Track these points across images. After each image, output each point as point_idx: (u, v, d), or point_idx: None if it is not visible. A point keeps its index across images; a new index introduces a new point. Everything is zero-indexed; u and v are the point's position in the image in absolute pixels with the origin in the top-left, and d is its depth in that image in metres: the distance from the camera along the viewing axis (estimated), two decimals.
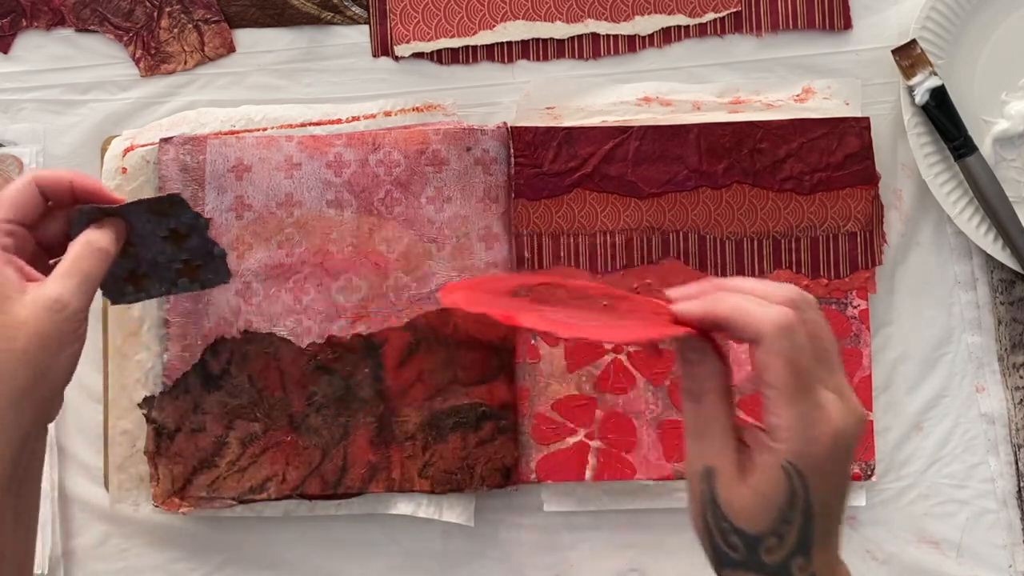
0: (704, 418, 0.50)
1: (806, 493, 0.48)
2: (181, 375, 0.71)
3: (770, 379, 0.48)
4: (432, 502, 0.72)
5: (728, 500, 0.49)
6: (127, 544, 0.73)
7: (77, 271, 0.54)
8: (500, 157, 0.72)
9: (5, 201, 0.55)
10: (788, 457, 0.48)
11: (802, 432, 0.48)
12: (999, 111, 0.73)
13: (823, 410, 0.48)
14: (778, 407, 0.48)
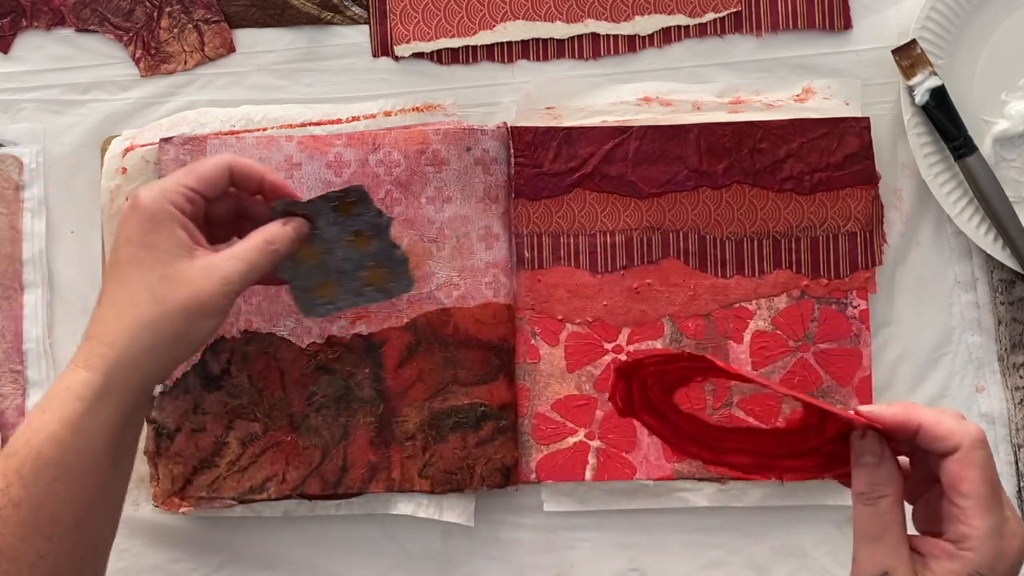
0: (880, 522, 0.51)
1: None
2: (181, 375, 0.71)
3: (966, 489, 0.49)
4: (432, 502, 0.72)
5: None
6: (127, 544, 0.73)
7: (248, 259, 0.60)
8: (500, 157, 0.72)
9: (196, 172, 0.61)
10: (977, 568, 0.49)
11: (994, 544, 0.49)
12: (999, 111, 0.73)
13: (1011, 525, 0.50)
14: (972, 517, 0.49)
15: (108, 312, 0.59)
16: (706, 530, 0.73)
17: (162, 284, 0.58)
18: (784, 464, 0.56)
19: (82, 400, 0.56)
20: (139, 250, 0.59)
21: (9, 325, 0.73)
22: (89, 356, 0.58)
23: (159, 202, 0.59)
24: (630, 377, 0.55)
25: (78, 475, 0.56)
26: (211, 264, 0.59)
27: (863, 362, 0.72)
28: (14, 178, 0.74)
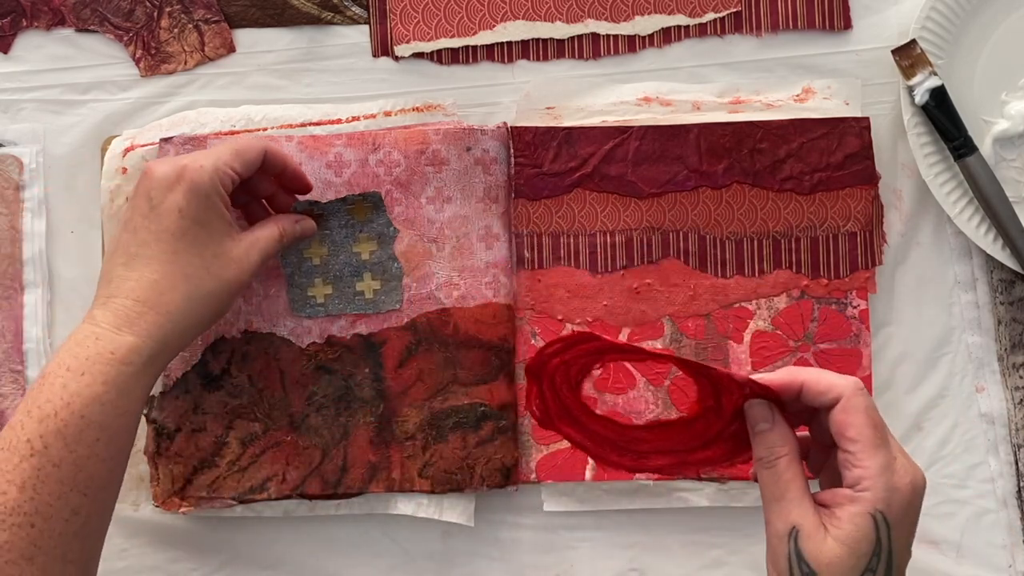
0: (781, 482, 0.53)
1: (888, 542, 0.51)
2: (181, 375, 0.71)
3: (852, 434, 0.52)
4: (432, 502, 0.72)
5: (815, 555, 0.51)
6: (127, 544, 0.73)
7: (266, 249, 0.66)
8: (500, 157, 0.72)
9: (241, 156, 0.64)
10: (876, 505, 0.51)
11: (885, 480, 0.51)
12: (999, 111, 0.73)
13: (900, 463, 0.52)
14: (862, 459, 0.52)
15: (158, 279, 0.61)
16: (706, 530, 0.73)
17: (216, 261, 0.63)
18: (698, 457, 0.58)
19: (130, 364, 0.59)
20: (193, 225, 0.62)
21: (9, 325, 0.73)
22: (136, 321, 0.60)
23: (213, 182, 0.62)
24: (540, 376, 0.56)
25: (118, 435, 0.59)
26: (248, 245, 0.65)
27: (863, 362, 0.72)
28: (14, 178, 0.74)
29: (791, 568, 0.52)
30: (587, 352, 0.56)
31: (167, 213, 0.61)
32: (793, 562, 0.52)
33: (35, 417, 0.57)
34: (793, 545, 0.52)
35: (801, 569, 0.52)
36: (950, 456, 0.73)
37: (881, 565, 0.52)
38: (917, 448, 0.73)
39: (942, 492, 0.73)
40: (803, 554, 0.52)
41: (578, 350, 0.56)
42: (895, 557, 0.52)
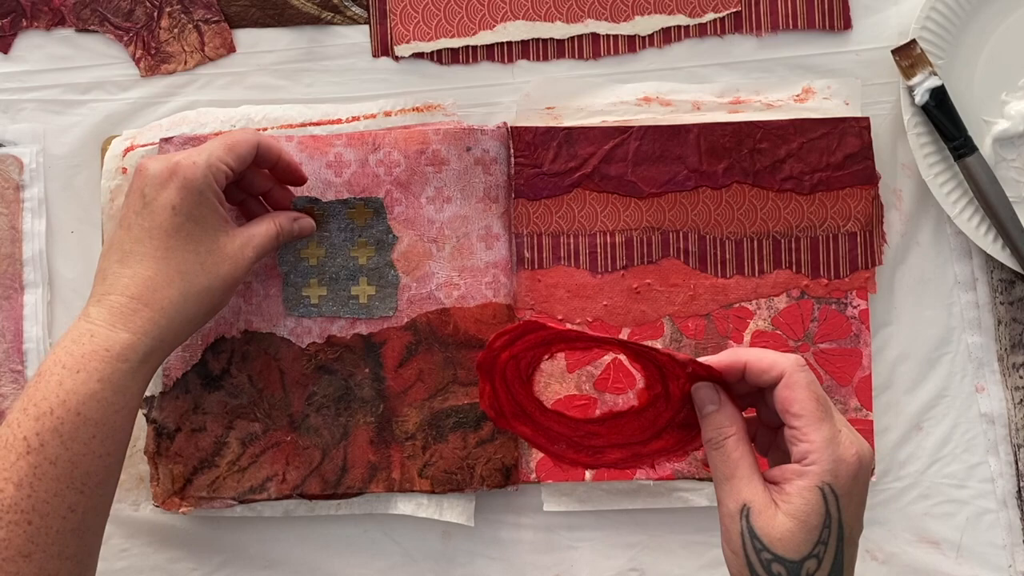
0: (730, 461, 0.54)
1: (839, 514, 0.52)
2: (181, 375, 0.71)
3: (796, 409, 0.53)
4: (432, 502, 0.72)
5: (767, 531, 0.52)
6: (127, 544, 0.73)
7: (261, 245, 0.66)
8: (500, 157, 0.72)
9: (234, 151, 0.64)
10: (823, 478, 0.52)
11: (831, 453, 0.52)
12: (999, 111, 0.73)
13: (844, 433, 0.53)
14: (807, 433, 0.53)
15: (152, 275, 0.61)
16: (706, 530, 0.73)
17: (211, 258, 0.63)
18: (652, 448, 0.59)
19: (126, 361, 0.59)
20: (187, 222, 0.62)
21: (9, 325, 0.73)
22: (132, 318, 0.60)
23: (207, 178, 0.62)
24: (491, 373, 0.57)
25: (114, 432, 0.59)
26: (243, 241, 0.65)
27: (863, 362, 0.72)
28: (14, 178, 0.74)
29: (744, 545, 0.53)
30: (535, 343, 0.57)
31: (161, 210, 0.62)
32: (746, 539, 0.53)
33: (31, 415, 0.57)
34: (745, 523, 0.53)
35: (754, 546, 0.52)
36: (950, 456, 0.73)
37: (832, 537, 0.52)
38: (917, 448, 0.73)
39: (942, 492, 0.73)
40: (755, 531, 0.52)
41: (526, 341, 0.56)
42: (845, 528, 0.52)
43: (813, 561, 0.52)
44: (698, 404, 0.56)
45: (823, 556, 0.52)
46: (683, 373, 0.56)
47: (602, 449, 0.60)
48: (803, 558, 0.52)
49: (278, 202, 0.70)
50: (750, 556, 0.53)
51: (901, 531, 0.73)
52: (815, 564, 0.52)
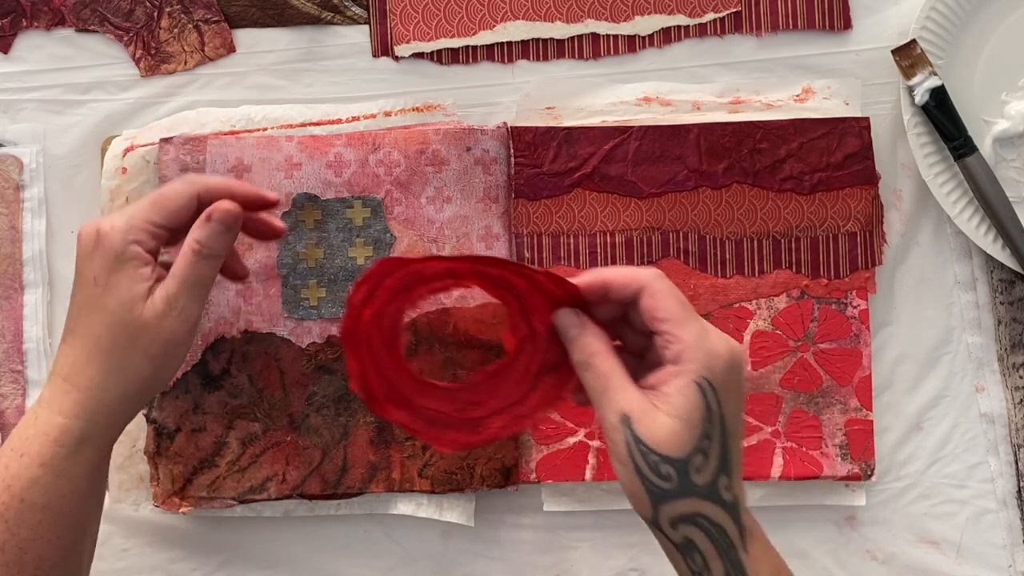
0: (602, 376, 0.54)
1: (719, 407, 0.53)
2: (181, 375, 0.71)
3: (662, 314, 0.54)
4: (432, 502, 0.72)
5: (651, 434, 0.52)
6: (127, 544, 0.73)
7: (182, 275, 0.59)
8: (500, 157, 0.72)
9: (161, 206, 0.59)
10: (699, 372, 0.53)
11: (702, 347, 0.53)
12: (999, 111, 0.73)
13: (712, 333, 0.54)
14: (676, 334, 0.53)
15: (78, 354, 0.58)
16: None
17: (124, 331, 0.58)
18: (531, 404, 0.58)
19: (63, 445, 0.57)
20: (103, 292, 0.58)
21: (9, 325, 0.73)
22: (63, 400, 0.58)
23: (124, 243, 0.58)
24: (355, 341, 0.56)
25: (62, 515, 0.57)
26: (164, 300, 0.58)
27: (863, 362, 0.72)
28: (14, 178, 0.74)
29: (631, 453, 0.53)
30: (395, 290, 0.56)
31: (86, 283, 0.59)
32: (631, 447, 0.53)
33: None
34: (628, 431, 0.53)
35: (640, 450, 0.52)
36: (950, 456, 0.73)
37: (716, 431, 0.53)
38: (917, 448, 0.73)
39: (942, 492, 0.73)
40: (639, 436, 0.52)
41: (386, 289, 0.56)
42: (728, 423, 0.53)
43: (700, 456, 0.52)
44: (562, 330, 0.56)
45: (709, 451, 0.53)
46: (542, 303, 0.56)
47: (482, 421, 0.59)
48: (689, 454, 0.52)
49: (260, 231, 0.65)
50: (638, 462, 0.53)
51: (901, 531, 0.73)
52: (702, 459, 0.52)
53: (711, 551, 0.53)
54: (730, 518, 0.53)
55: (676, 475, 0.52)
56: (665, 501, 0.53)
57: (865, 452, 0.72)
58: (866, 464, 0.72)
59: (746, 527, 0.54)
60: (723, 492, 0.53)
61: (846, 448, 0.72)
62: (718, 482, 0.53)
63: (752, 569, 0.54)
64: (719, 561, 0.54)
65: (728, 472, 0.53)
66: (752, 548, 0.54)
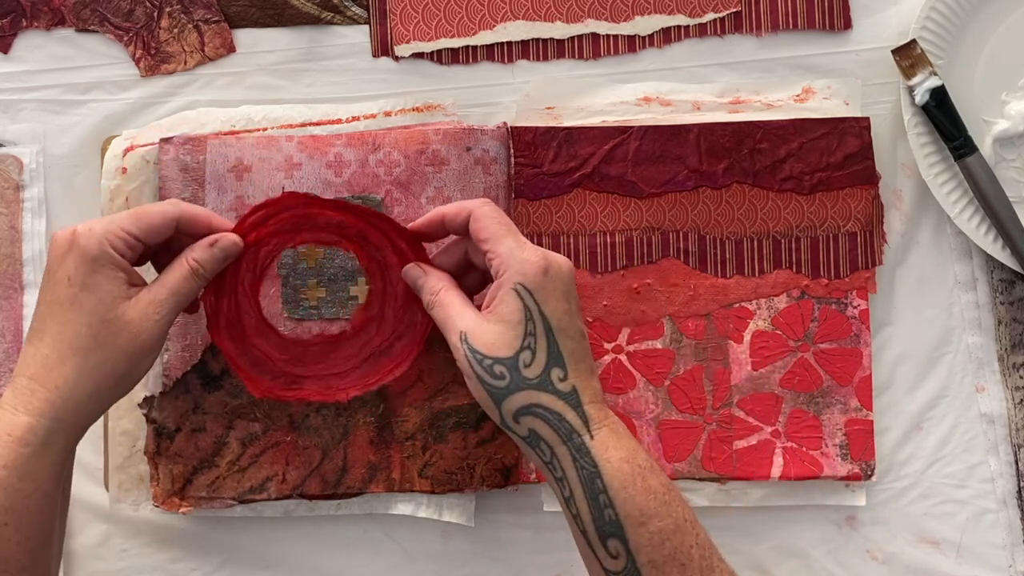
0: (445, 306, 0.62)
1: (538, 307, 0.59)
2: (181, 375, 0.71)
3: (484, 234, 0.61)
4: (432, 502, 0.72)
5: (482, 342, 0.59)
6: (127, 544, 0.73)
7: (175, 287, 0.61)
8: (500, 157, 0.72)
9: (141, 219, 0.61)
10: (514, 279, 0.59)
11: (517, 257, 0.60)
12: (999, 111, 0.73)
13: (528, 245, 0.61)
14: (495, 250, 0.61)
15: (48, 353, 0.58)
16: (706, 530, 0.73)
17: (104, 329, 0.59)
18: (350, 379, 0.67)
19: (27, 445, 0.57)
20: (80, 291, 0.59)
21: (9, 325, 0.73)
22: (31, 400, 0.58)
23: (101, 245, 0.59)
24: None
25: (28, 517, 0.57)
26: (147, 303, 0.60)
27: (863, 362, 0.72)
28: (14, 178, 0.74)
29: (470, 364, 0.59)
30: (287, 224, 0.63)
31: (58, 283, 0.59)
32: (469, 358, 0.59)
33: None
34: (465, 346, 0.60)
35: (475, 358, 0.59)
36: (950, 456, 0.73)
37: (538, 328, 0.59)
38: (917, 448, 0.73)
39: (942, 492, 0.73)
40: (473, 347, 0.59)
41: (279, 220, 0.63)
42: (551, 320, 0.59)
43: (527, 353, 0.59)
44: (411, 281, 0.65)
45: (535, 346, 0.59)
46: (397, 261, 0.64)
47: (300, 380, 0.66)
48: (516, 352, 0.59)
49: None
50: (476, 370, 0.59)
51: (901, 531, 0.73)
52: (529, 355, 0.59)
53: (553, 437, 0.58)
54: (568, 406, 0.59)
55: (508, 372, 0.59)
56: (504, 398, 0.59)
57: (865, 452, 0.72)
58: (866, 464, 0.72)
59: (590, 416, 0.59)
60: (557, 383, 0.59)
61: (846, 448, 0.72)
62: (550, 374, 0.59)
63: (598, 452, 0.58)
64: (563, 447, 0.58)
65: (562, 365, 0.59)
66: (599, 434, 0.58)
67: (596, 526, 0.57)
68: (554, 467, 0.59)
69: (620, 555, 0.57)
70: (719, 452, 0.72)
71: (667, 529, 0.57)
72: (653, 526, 0.57)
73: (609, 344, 0.72)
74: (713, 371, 0.72)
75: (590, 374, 0.60)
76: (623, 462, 0.58)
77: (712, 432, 0.72)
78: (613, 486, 0.57)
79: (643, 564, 0.57)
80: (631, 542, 0.57)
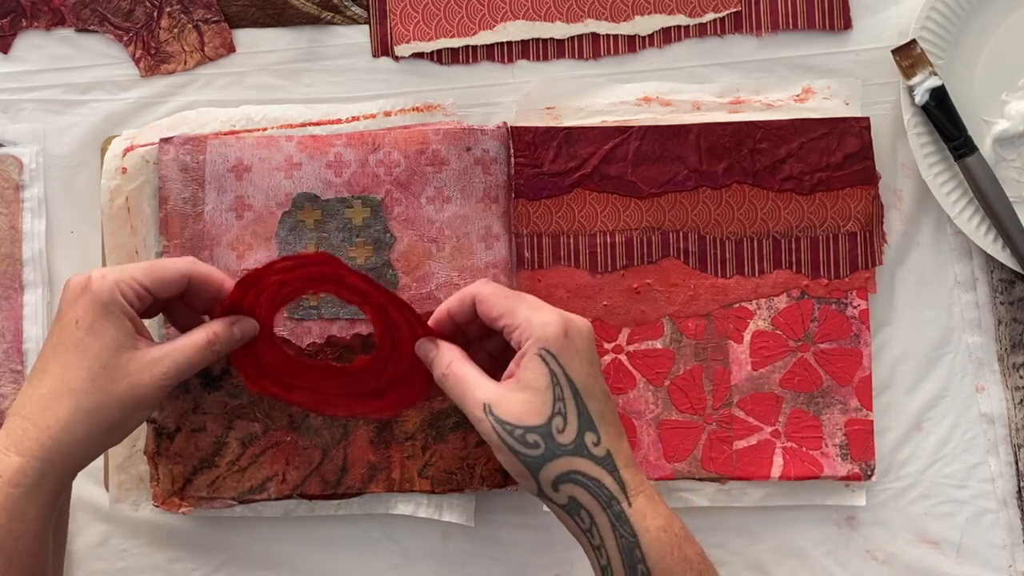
0: (460, 380, 0.61)
1: (563, 370, 0.58)
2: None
3: (494, 313, 0.61)
4: (432, 502, 0.72)
5: (510, 411, 0.58)
6: (127, 544, 0.73)
7: (188, 358, 0.62)
8: (500, 157, 0.72)
9: (154, 273, 0.62)
10: (537, 345, 0.58)
11: (535, 322, 0.59)
12: (999, 111, 0.73)
13: (541, 307, 0.60)
14: (511, 323, 0.60)
15: (46, 393, 0.59)
16: (706, 530, 0.73)
17: (104, 374, 0.59)
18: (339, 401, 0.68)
19: (17, 486, 0.57)
20: (86, 335, 0.59)
21: (9, 325, 0.73)
22: (22, 439, 0.58)
23: (112, 292, 0.60)
24: (248, 287, 0.64)
25: (18, 557, 0.57)
26: (152, 359, 0.60)
27: (863, 362, 0.72)
28: (14, 178, 0.74)
29: (500, 436, 0.58)
30: (313, 276, 0.63)
31: (66, 326, 0.60)
32: (498, 429, 0.58)
33: None
34: (491, 417, 0.58)
35: (505, 429, 0.58)
36: (950, 456, 0.73)
37: (566, 391, 0.58)
38: (917, 448, 0.73)
39: (942, 492, 0.73)
40: (500, 418, 0.58)
41: (307, 272, 0.63)
42: (577, 383, 0.58)
43: (559, 419, 0.58)
44: (422, 356, 0.64)
45: (566, 411, 0.58)
46: (409, 337, 0.64)
47: (296, 388, 0.68)
48: (549, 419, 0.58)
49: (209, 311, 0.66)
50: (507, 441, 0.58)
51: (901, 531, 0.73)
52: (562, 421, 0.58)
53: (593, 504, 0.58)
54: (605, 471, 0.58)
55: (542, 441, 0.57)
56: (540, 467, 0.58)
57: (865, 452, 0.72)
58: (866, 464, 0.72)
59: (627, 481, 0.58)
60: (592, 448, 0.58)
61: (846, 448, 0.72)
62: (584, 439, 0.58)
63: (637, 521, 0.57)
64: (603, 515, 0.57)
65: (594, 429, 0.58)
66: (636, 501, 0.58)
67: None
68: (592, 535, 0.58)
69: None
70: (719, 452, 0.72)
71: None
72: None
73: (609, 344, 0.72)
74: (713, 371, 0.72)
75: (621, 436, 0.60)
76: (660, 531, 0.57)
77: (712, 432, 0.72)
78: (651, 556, 0.57)
79: None
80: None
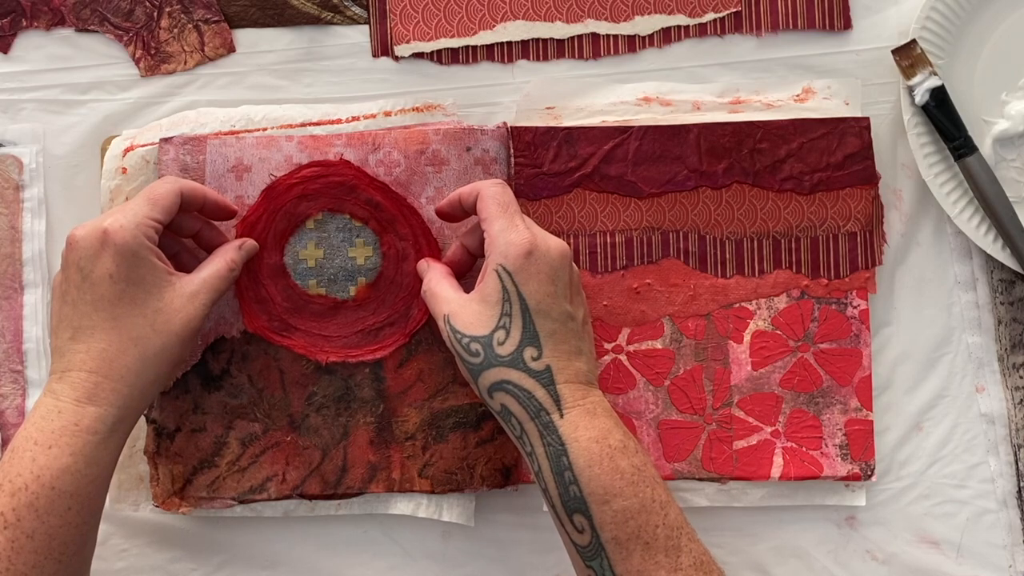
0: (433, 293, 0.65)
1: (516, 288, 0.61)
2: (181, 375, 0.71)
3: (483, 214, 0.64)
4: (432, 502, 0.72)
5: (461, 321, 0.62)
6: (127, 544, 0.73)
7: (216, 285, 0.65)
8: (500, 157, 0.72)
9: (159, 204, 0.64)
10: (496, 260, 0.62)
11: (503, 239, 0.62)
12: (999, 111, 0.73)
13: (519, 226, 0.62)
14: (488, 230, 0.63)
15: (105, 347, 0.61)
16: (706, 530, 0.73)
17: (159, 316, 0.62)
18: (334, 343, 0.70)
19: (95, 434, 0.60)
20: (128, 287, 0.62)
21: (9, 325, 0.73)
22: (95, 392, 0.60)
23: (138, 239, 0.62)
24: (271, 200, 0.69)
25: (89, 502, 0.60)
26: (192, 292, 0.64)
27: (863, 362, 0.72)
28: (14, 178, 0.74)
29: (452, 343, 0.63)
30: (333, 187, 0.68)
31: (100, 281, 0.61)
32: (451, 337, 0.63)
33: (7, 491, 0.58)
34: (448, 326, 0.63)
35: (456, 338, 0.62)
36: (950, 456, 0.73)
37: (515, 308, 0.61)
38: (917, 448, 0.73)
39: (942, 492, 0.73)
40: (454, 326, 0.62)
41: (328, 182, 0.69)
42: (529, 301, 0.61)
43: (501, 332, 0.61)
44: (420, 273, 0.68)
45: (510, 326, 0.61)
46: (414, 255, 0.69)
47: (291, 330, 0.70)
48: (491, 331, 0.61)
49: (211, 241, 0.69)
50: (457, 348, 0.62)
51: (901, 531, 0.73)
52: (504, 334, 0.61)
53: (522, 413, 0.61)
54: (539, 384, 0.60)
55: (482, 350, 0.61)
56: (479, 374, 0.61)
57: (865, 452, 0.72)
58: (866, 464, 0.72)
59: (562, 395, 0.60)
60: (529, 362, 0.61)
61: (846, 448, 0.72)
62: (523, 353, 0.61)
63: (566, 432, 0.60)
64: (532, 423, 0.60)
65: (536, 345, 0.61)
66: (571, 414, 0.60)
67: (562, 501, 0.60)
68: (524, 442, 0.61)
69: (585, 530, 0.59)
70: (719, 452, 0.72)
71: (632, 508, 0.59)
72: (617, 505, 0.59)
73: (609, 344, 0.72)
74: (713, 371, 0.72)
75: (573, 355, 0.62)
76: (592, 442, 0.59)
77: (712, 432, 0.72)
78: (578, 464, 0.59)
79: (607, 540, 0.59)
80: (595, 519, 0.59)
